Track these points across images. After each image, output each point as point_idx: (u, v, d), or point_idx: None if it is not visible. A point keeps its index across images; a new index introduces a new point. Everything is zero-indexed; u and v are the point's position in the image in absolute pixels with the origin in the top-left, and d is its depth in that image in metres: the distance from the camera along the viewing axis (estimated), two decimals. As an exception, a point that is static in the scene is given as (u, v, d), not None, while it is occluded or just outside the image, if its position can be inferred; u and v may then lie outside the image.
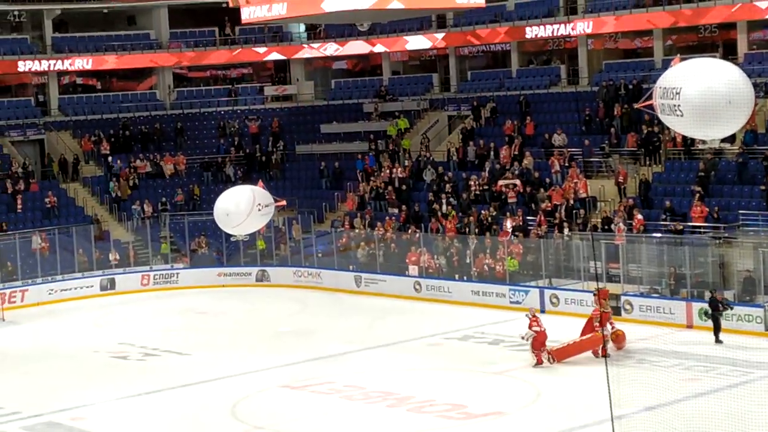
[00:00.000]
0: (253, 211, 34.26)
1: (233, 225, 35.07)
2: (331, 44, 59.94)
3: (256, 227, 37.19)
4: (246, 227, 35.76)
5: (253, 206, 34.34)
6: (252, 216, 34.55)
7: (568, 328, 35.16)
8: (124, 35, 61.13)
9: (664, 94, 19.90)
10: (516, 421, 25.78)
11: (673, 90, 19.52)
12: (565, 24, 51.97)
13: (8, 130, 56.73)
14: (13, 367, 34.70)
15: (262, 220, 35.82)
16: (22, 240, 47.26)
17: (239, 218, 34.46)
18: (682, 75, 19.81)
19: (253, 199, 34.54)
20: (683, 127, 20.17)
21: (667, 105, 19.73)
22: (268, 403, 28.73)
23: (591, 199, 43.57)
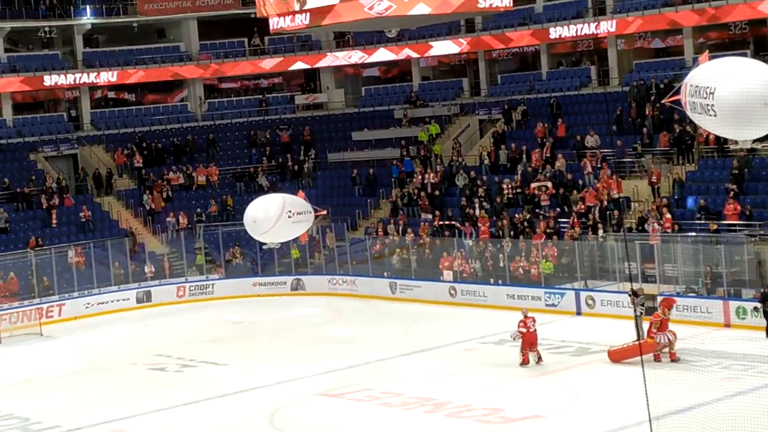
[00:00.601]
0: (281, 218, 33.74)
1: (261, 232, 34.49)
2: (357, 52, 59.97)
3: (289, 235, 36.53)
4: (275, 234, 35.09)
5: (282, 213, 33.87)
6: (281, 223, 33.99)
7: (604, 329, 35.20)
8: (154, 48, 61.39)
9: (695, 92, 19.75)
10: (554, 424, 25.67)
11: (707, 89, 19.37)
12: (589, 24, 51.83)
13: (42, 145, 57.08)
14: (51, 381, 34.87)
15: (293, 228, 35.14)
16: (57, 255, 47.49)
17: (267, 224, 33.94)
18: (715, 75, 19.65)
19: (283, 206, 34.13)
20: (716, 126, 20.03)
21: (699, 104, 19.60)
22: (306, 411, 28.74)
23: (624, 200, 43.39)
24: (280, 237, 35.73)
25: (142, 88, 62.22)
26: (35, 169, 55.35)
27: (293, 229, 35.48)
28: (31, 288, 46.28)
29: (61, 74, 58.00)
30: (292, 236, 37.61)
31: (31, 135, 57.78)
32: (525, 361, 31.58)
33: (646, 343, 29.67)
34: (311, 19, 33.59)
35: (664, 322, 30.24)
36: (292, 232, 36.06)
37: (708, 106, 19.38)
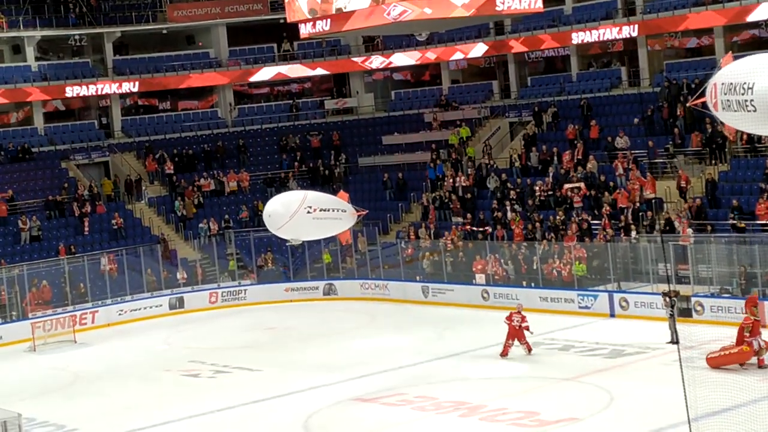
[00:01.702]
0: (298, 213, 32.65)
1: (277, 226, 33.38)
2: (377, 57, 60.01)
3: (313, 234, 35.29)
4: (293, 230, 33.85)
5: (299, 208, 32.83)
6: (298, 218, 32.76)
7: (639, 331, 35.06)
8: (183, 55, 61.63)
9: (730, 90, 19.58)
10: (589, 427, 25.56)
11: (744, 85, 19.18)
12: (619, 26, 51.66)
13: (73, 153, 57.39)
14: (86, 388, 34.99)
15: (318, 225, 33.66)
16: (90, 262, 47.68)
17: (282, 219, 32.89)
18: (752, 69, 19.47)
19: (302, 201, 33.15)
20: (752, 122, 19.76)
21: (735, 101, 19.41)
22: (341, 416, 28.70)
23: (657, 201, 43.17)
24: (299, 233, 34.47)
25: (172, 95, 62.42)
26: (67, 177, 55.59)
27: (318, 227, 34.15)
28: (65, 295, 46.44)
29: (92, 83, 58.22)
30: (320, 235, 36.61)
31: (62, 143, 58.11)
32: (504, 353, 33.22)
33: (742, 351, 28.74)
34: (332, 25, 33.75)
35: (756, 325, 28.96)
36: (317, 230, 34.82)
37: (746, 102, 19.19)
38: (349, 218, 34.04)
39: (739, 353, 28.61)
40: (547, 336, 35.91)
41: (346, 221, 34.10)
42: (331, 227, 34.51)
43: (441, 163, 53.64)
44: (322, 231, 35.13)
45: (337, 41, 60.84)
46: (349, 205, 34.13)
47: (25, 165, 55.85)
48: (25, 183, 54.74)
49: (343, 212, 33.85)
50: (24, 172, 55.45)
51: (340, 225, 34.25)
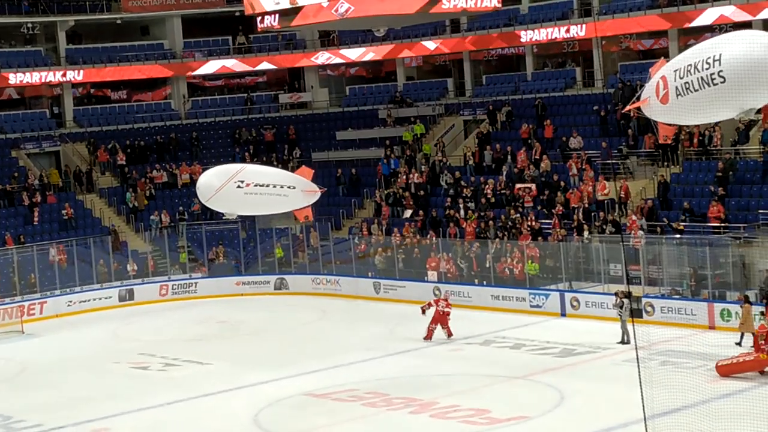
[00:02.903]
0: (226, 186, 31.42)
1: (206, 198, 32.48)
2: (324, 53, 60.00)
3: (248, 208, 33.84)
4: (223, 203, 32.83)
5: (228, 181, 31.57)
6: (226, 191, 31.52)
7: (589, 331, 35.20)
8: (137, 45, 61.22)
9: (688, 72, 19.35)
10: (540, 426, 25.64)
11: (709, 59, 18.98)
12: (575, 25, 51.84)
13: (24, 142, 56.82)
14: (33, 379, 34.67)
15: (252, 200, 32.21)
16: (39, 252, 47.28)
17: (209, 191, 31.90)
18: (715, 44, 19.32)
19: (233, 174, 31.83)
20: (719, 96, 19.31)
21: (698, 79, 19.16)
22: (291, 411, 28.60)
23: (609, 201, 43.36)
24: (231, 207, 33.32)
25: (125, 86, 62.01)
26: (17, 166, 55.07)
27: (256, 203, 32.75)
28: (13, 285, 46.02)
29: (44, 71, 57.70)
30: (261, 211, 35.65)
31: (12, 132, 57.52)
32: (428, 337, 35.30)
33: (758, 359, 28.47)
34: (279, 21, 33.66)
35: None
36: (255, 206, 33.57)
37: (713, 75, 18.94)
38: (300, 196, 32.73)
39: (756, 361, 28.53)
40: (499, 334, 36.05)
41: (297, 199, 32.81)
42: (274, 204, 33.23)
43: (396, 158, 53.60)
44: (261, 207, 34.03)
45: (293, 35, 60.66)
46: (303, 182, 32.94)
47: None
48: (-25, 171, 54.24)
49: (291, 189, 32.55)
50: (-27, 160, 54.96)
51: (287, 202, 33.00)
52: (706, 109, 20.00)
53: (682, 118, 21.48)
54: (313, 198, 33.00)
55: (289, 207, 33.60)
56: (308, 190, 32.81)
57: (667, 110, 20.59)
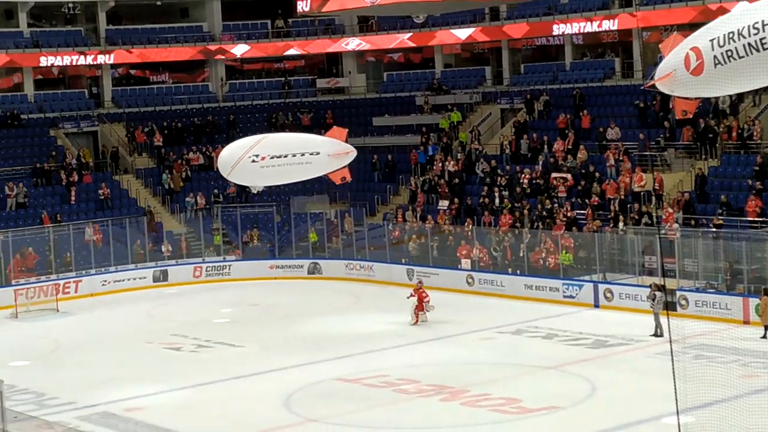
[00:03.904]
0: (242, 161, 30.89)
1: (225, 173, 32.21)
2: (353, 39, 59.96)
3: (268, 179, 32.67)
4: (242, 178, 32.44)
5: (243, 155, 31.02)
6: (242, 166, 31.01)
7: (623, 323, 35.08)
8: (177, 27, 61.35)
9: (731, 39, 19.03)
10: (571, 417, 25.57)
11: (757, 24, 18.68)
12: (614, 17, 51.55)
13: (62, 121, 57.09)
14: (67, 357, 34.94)
15: (272, 172, 31.31)
16: (75, 231, 47.52)
17: (227, 168, 31.61)
18: (755, 10, 19.01)
19: (249, 148, 31.21)
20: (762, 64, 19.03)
21: (743, 46, 18.85)
22: (322, 395, 28.67)
23: (646, 193, 43.15)
24: (253, 180, 32.57)
25: (163, 68, 62.18)
26: (55, 145, 55.35)
27: (277, 174, 31.86)
28: (49, 264, 46.31)
29: (83, 51, 57.94)
30: (284, 180, 34.47)
31: (51, 111, 57.78)
32: (416, 322, 36.38)
33: None
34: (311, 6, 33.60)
35: None
36: (276, 177, 32.53)
37: (763, 40, 18.62)
38: (326, 160, 31.79)
39: None
40: (531, 324, 35.98)
41: (323, 163, 31.95)
42: (298, 172, 32.43)
43: (433, 145, 53.52)
44: (282, 178, 33.18)
45: (331, 20, 60.64)
46: (330, 145, 32.03)
47: (14, 131, 55.59)
48: (13, 149, 54.51)
49: (314, 155, 31.72)
50: (12, 139, 55.22)
51: (311, 169, 32.25)
52: (753, 75, 19.77)
53: (720, 88, 21.19)
54: (346, 159, 32.21)
55: (316, 173, 33.08)
56: (336, 153, 31.97)
57: (701, 82, 20.19)
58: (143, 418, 27.04)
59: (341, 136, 32.55)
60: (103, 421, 26.89)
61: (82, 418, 27.03)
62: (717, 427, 21.46)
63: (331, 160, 31.97)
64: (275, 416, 26.79)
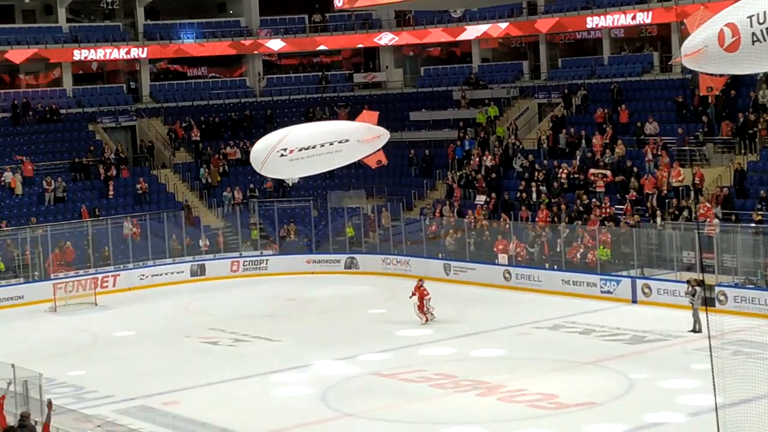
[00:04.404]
0: (270, 157, 30.29)
1: (258, 169, 31.83)
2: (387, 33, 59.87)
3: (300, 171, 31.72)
4: (275, 172, 32.16)
5: (271, 152, 30.37)
6: (272, 161, 30.43)
7: (661, 318, 34.91)
8: (214, 22, 61.52)
9: None
10: (608, 412, 25.50)
11: None
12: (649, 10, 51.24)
13: (101, 116, 57.36)
14: (105, 351, 35.13)
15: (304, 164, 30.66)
16: (114, 226, 47.76)
17: (258, 164, 31.14)
18: None
19: (275, 144, 30.49)
20: None
21: None
22: (359, 390, 28.71)
23: (684, 189, 42.91)
24: (285, 173, 32.24)
25: (201, 62, 62.36)
26: (94, 140, 55.63)
27: (309, 164, 31.11)
28: (87, 258, 46.56)
29: (121, 46, 58.20)
30: (316, 170, 33.35)
31: (90, 106, 58.05)
32: (427, 320, 36.01)
33: None
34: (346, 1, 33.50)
35: None
36: (308, 167, 31.59)
37: None
38: (356, 146, 30.97)
39: None
40: (568, 319, 35.87)
41: (354, 149, 31.09)
42: (329, 161, 31.69)
43: (470, 140, 53.42)
44: (314, 168, 32.26)
45: (368, 14, 60.65)
46: (359, 131, 31.24)
47: (53, 126, 55.89)
48: (52, 144, 54.81)
49: (343, 142, 30.92)
50: (51, 134, 55.52)
51: (342, 156, 31.37)
52: None
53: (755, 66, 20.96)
54: (377, 143, 31.37)
55: (349, 159, 32.21)
56: (365, 138, 31.15)
57: (735, 59, 19.94)
58: (181, 411, 27.18)
59: (372, 119, 31.99)
60: (141, 414, 27.03)
61: (120, 412, 27.18)
62: (756, 424, 21.29)
63: (361, 146, 31.35)
64: (312, 410, 26.85)
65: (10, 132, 54.95)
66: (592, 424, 24.66)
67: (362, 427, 25.48)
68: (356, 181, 53.73)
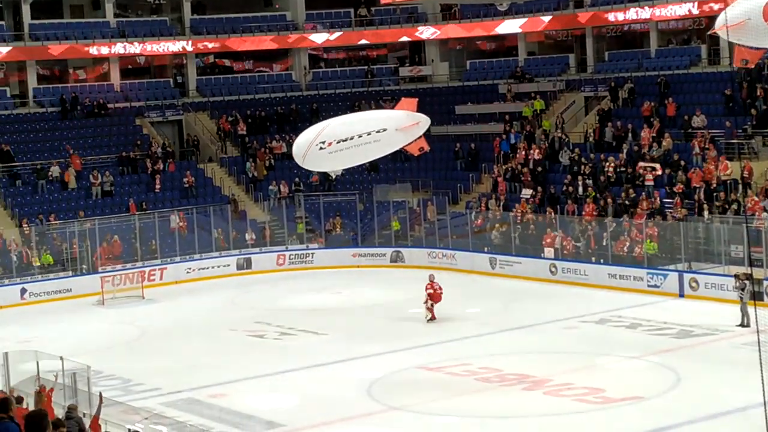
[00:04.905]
0: (310, 151, 29.76)
1: (300, 163, 31.22)
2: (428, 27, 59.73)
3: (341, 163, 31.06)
4: (317, 165, 31.60)
5: (310, 146, 29.81)
6: (312, 155, 29.94)
7: (708, 313, 34.67)
8: (260, 16, 61.67)
9: None
10: (655, 407, 25.33)
11: None
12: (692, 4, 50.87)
13: (148, 110, 57.67)
14: (152, 343, 35.35)
15: (344, 155, 30.02)
16: (161, 219, 48.03)
17: (299, 158, 30.67)
18: None
19: (314, 138, 29.98)
20: None
21: None
22: (404, 383, 28.71)
23: (732, 182, 42.60)
24: (327, 166, 31.90)
25: (247, 57, 62.54)
26: (141, 134, 55.93)
27: (350, 156, 30.43)
28: (134, 251, 46.85)
29: (168, 41, 58.47)
30: (358, 161, 32.42)
31: (137, 100, 58.38)
32: (433, 317, 35.81)
33: None
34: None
35: None
36: (349, 159, 30.90)
37: None
38: (394, 135, 30.07)
39: None
40: (615, 313, 35.69)
41: (393, 139, 30.22)
42: (369, 152, 30.92)
43: (516, 134, 53.24)
44: (355, 159, 31.47)
45: (414, 8, 60.59)
46: (397, 119, 30.44)
47: (100, 120, 56.28)
48: (100, 138, 55.20)
49: (381, 132, 29.97)
50: (99, 128, 55.93)
51: (381, 147, 30.58)
52: None
53: None
54: (417, 130, 30.44)
55: (390, 149, 31.42)
56: (404, 127, 30.15)
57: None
58: (227, 404, 27.28)
59: (411, 106, 31.10)
60: (187, 407, 27.15)
61: (167, 404, 27.31)
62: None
63: (400, 134, 30.42)
64: (358, 404, 26.87)
65: (59, 126, 55.40)
66: (639, 419, 24.48)
67: (408, 421, 25.43)
68: (402, 175, 53.74)
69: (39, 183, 50.51)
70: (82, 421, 19.99)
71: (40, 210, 48.59)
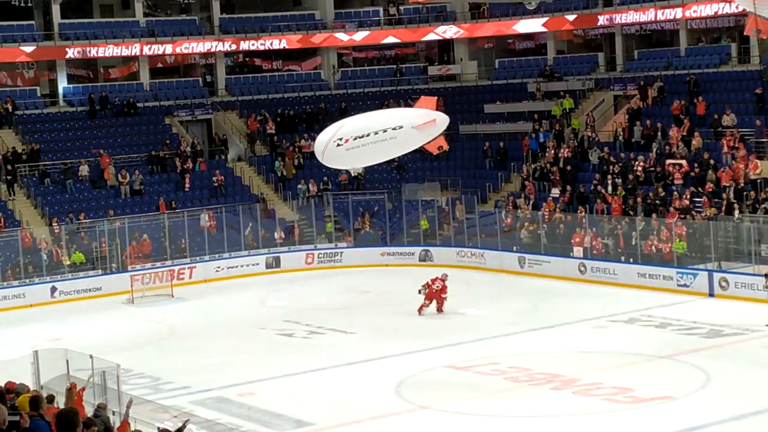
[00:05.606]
0: (328, 147, 29.73)
1: (321, 160, 31.16)
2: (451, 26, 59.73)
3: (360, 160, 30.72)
4: (336, 162, 31.38)
5: (328, 143, 29.73)
6: (330, 152, 29.88)
7: (738, 312, 34.52)
8: (289, 16, 61.76)
9: None
10: (685, 407, 25.22)
11: None
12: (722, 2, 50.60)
13: (177, 110, 57.84)
14: (181, 342, 35.44)
15: (361, 152, 29.71)
16: (190, 218, 48.16)
17: (319, 155, 30.77)
18: None
19: (332, 135, 29.86)
20: None
21: None
22: (433, 382, 28.70)
23: (762, 181, 42.41)
24: (347, 164, 31.49)
25: (276, 56, 62.64)
26: (170, 133, 56.11)
27: (368, 153, 30.12)
28: (164, 250, 47.01)
29: (197, 40, 58.64)
30: (376, 160, 32.14)
31: (166, 99, 58.56)
32: (420, 310, 36.85)
33: None
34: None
35: None
36: (367, 157, 30.62)
37: None
38: (411, 133, 29.56)
39: None
40: (644, 313, 35.59)
41: (410, 136, 29.75)
42: (386, 150, 30.46)
43: (545, 132, 53.13)
44: (373, 157, 31.10)
45: (443, 7, 60.56)
46: (413, 117, 30.01)
47: (130, 119, 56.49)
48: (129, 137, 55.39)
49: (397, 129, 29.53)
50: (128, 127, 56.13)
51: (398, 144, 30.12)
52: None
53: None
54: (434, 128, 29.91)
55: (408, 147, 31.02)
56: (420, 125, 29.61)
57: None
58: (256, 403, 27.33)
59: (429, 104, 30.71)
60: (216, 405, 27.22)
61: (196, 403, 27.38)
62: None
63: (417, 132, 29.93)
64: (386, 403, 26.87)
65: (88, 125, 55.64)
66: (669, 419, 24.39)
67: (437, 420, 25.44)
68: (430, 174, 53.72)
69: (67, 182, 50.69)
70: (108, 421, 20.04)
71: (70, 209, 48.78)
